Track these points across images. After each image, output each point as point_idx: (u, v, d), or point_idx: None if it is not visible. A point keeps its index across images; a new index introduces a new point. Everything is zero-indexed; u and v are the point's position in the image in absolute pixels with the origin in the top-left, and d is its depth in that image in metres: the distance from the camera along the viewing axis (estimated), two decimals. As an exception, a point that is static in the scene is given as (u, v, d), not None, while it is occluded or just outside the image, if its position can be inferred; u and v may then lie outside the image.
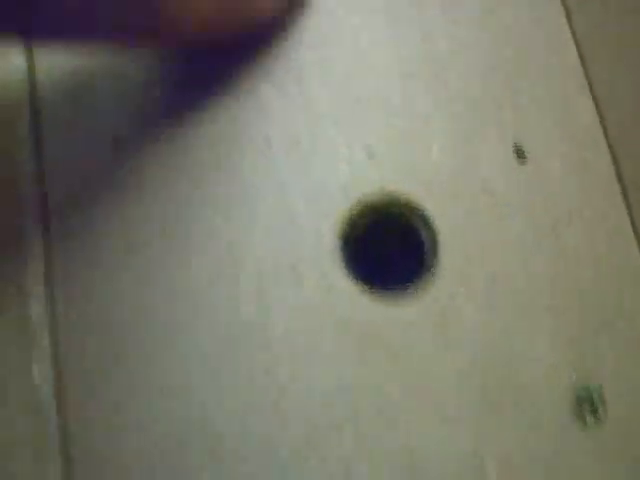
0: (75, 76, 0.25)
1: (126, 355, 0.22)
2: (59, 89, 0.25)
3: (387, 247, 0.25)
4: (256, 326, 0.23)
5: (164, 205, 0.24)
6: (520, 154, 0.24)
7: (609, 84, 0.24)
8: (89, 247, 0.24)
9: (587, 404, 0.22)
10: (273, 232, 0.23)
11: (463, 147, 0.24)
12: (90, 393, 0.22)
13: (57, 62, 0.25)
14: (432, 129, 0.24)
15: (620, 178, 0.24)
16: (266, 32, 0.25)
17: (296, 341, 0.22)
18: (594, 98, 0.24)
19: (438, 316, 0.22)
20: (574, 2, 0.25)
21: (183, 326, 0.22)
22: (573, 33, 0.25)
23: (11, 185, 0.24)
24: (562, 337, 0.22)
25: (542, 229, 0.24)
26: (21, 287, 0.23)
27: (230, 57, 0.25)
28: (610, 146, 0.24)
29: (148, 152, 0.24)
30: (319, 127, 0.24)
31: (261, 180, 0.24)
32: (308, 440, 0.21)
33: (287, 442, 0.21)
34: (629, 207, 0.24)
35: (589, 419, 0.21)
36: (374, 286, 0.23)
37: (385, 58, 0.25)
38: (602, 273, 0.23)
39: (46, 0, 0.19)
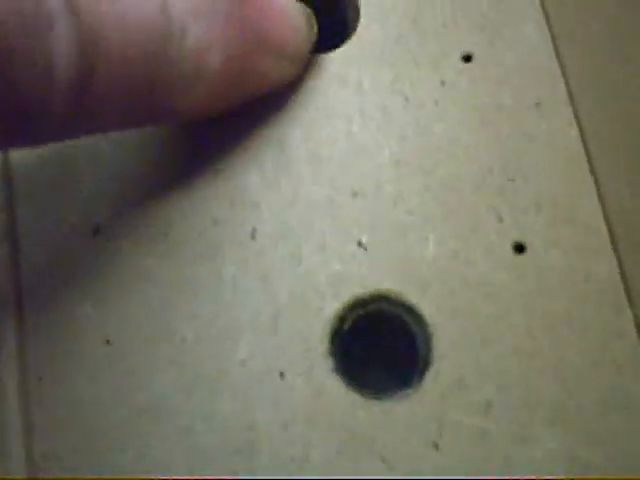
0: (55, 161, 0.24)
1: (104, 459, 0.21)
2: (36, 174, 0.24)
3: (380, 345, 0.24)
4: (241, 445, 0.21)
5: (144, 295, 0.23)
6: (518, 248, 0.23)
7: (616, 187, 0.23)
8: (66, 339, 0.22)
9: None
10: (257, 332, 0.22)
11: (459, 241, 0.23)
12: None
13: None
14: (427, 221, 0.23)
15: (624, 277, 0.22)
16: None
17: (285, 453, 0.21)
18: (600, 196, 0.23)
19: (433, 420, 0.21)
20: (580, 93, 0.24)
21: (160, 443, 0.21)
22: (582, 134, 0.23)
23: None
24: (562, 449, 0.21)
25: (540, 328, 0.24)
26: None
27: (215, 142, 0.24)
28: (615, 249, 0.22)
29: (129, 239, 0.23)
30: (308, 218, 0.23)
31: (244, 274, 0.23)
32: None
33: None
34: (632, 305, 0.22)
35: None
36: (366, 388, 0.22)
37: (377, 144, 0.24)
38: (604, 378, 0.22)
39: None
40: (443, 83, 0.25)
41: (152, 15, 0.21)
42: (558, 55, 0.25)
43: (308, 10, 0.25)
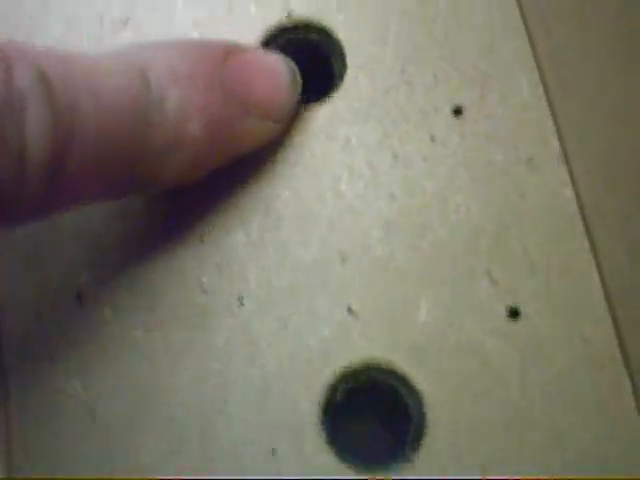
0: (36, 226, 0.24)
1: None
2: (18, 238, 0.24)
3: (372, 415, 0.24)
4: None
5: (130, 366, 0.23)
6: (513, 313, 0.23)
7: (611, 248, 0.23)
8: (52, 414, 0.22)
9: None
10: (247, 406, 0.22)
11: (452, 305, 0.23)
12: None
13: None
14: (418, 285, 0.23)
15: (621, 341, 0.23)
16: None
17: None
18: (595, 257, 0.23)
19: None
20: (574, 150, 0.24)
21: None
22: (577, 196, 0.24)
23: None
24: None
25: (535, 395, 0.24)
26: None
27: (199, 204, 0.24)
28: (611, 312, 0.22)
29: (114, 308, 0.23)
30: (296, 283, 0.23)
31: (232, 344, 0.23)
32: None
33: None
34: (629, 369, 0.22)
35: None
36: (359, 460, 0.22)
37: (366, 204, 0.24)
38: (601, 444, 0.22)
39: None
40: (433, 138, 0.25)
41: (130, 83, 0.21)
42: (552, 110, 0.25)
43: (292, 64, 0.25)
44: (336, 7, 0.26)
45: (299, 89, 0.25)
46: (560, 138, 0.25)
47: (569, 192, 0.25)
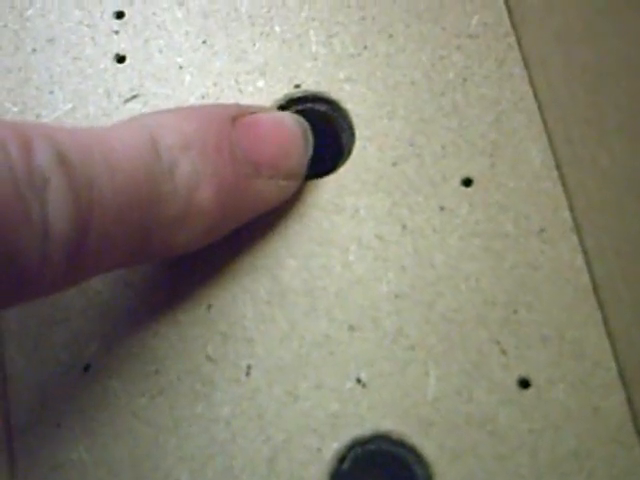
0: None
1: None
2: (26, 312, 0.29)
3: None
4: None
5: (137, 436, 0.27)
6: (523, 384, 0.28)
7: (624, 319, 0.27)
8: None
9: None
10: (252, 477, 0.27)
11: (462, 377, 0.28)
12: None
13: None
14: (428, 357, 0.28)
15: (633, 413, 0.27)
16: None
17: None
18: (607, 328, 0.28)
19: None
20: (586, 221, 0.29)
21: None
22: (589, 267, 0.28)
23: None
24: None
25: (547, 467, 0.27)
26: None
27: (206, 274, 0.29)
28: (624, 383, 0.27)
29: (120, 377, 0.28)
30: (304, 354, 0.28)
31: (239, 414, 0.27)
32: None
33: None
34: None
35: None
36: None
37: (375, 276, 0.29)
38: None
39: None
40: (442, 209, 0.30)
41: (142, 155, 0.25)
42: (563, 180, 0.30)
43: (302, 120, 0.30)
44: (344, 78, 0.32)
45: (311, 146, 0.30)
46: (571, 208, 0.30)
47: (581, 263, 0.30)
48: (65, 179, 0.22)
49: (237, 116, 0.26)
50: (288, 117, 0.28)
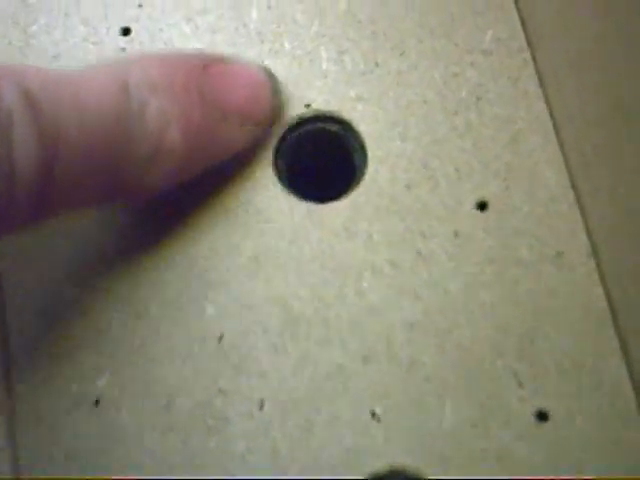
0: (55, 328, 0.29)
1: None
2: (35, 343, 0.29)
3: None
4: None
5: (149, 473, 0.27)
6: (541, 416, 0.27)
7: None
8: None
9: None
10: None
11: (478, 409, 0.28)
12: None
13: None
14: (444, 388, 0.28)
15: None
16: None
17: None
18: (625, 357, 0.27)
19: None
20: (603, 245, 0.28)
21: None
22: (607, 294, 0.28)
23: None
24: None
25: None
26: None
27: (217, 305, 0.29)
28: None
29: (131, 412, 0.28)
30: (318, 386, 0.28)
31: (253, 449, 0.27)
32: None
33: None
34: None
35: None
36: None
37: (389, 303, 0.29)
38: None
39: None
40: (457, 234, 0.30)
41: (111, 95, 0.25)
42: (579, 202, 0.30)
43: (272, 73, 0.31)
44: (355, 97, 0.31)
45: (279, 95, 0.30)
46: (589, 232, 0.30)
47: (598, 289, 0.29)
48: (31, 117, 0.23)
49: (208, 63, 0.27)
50: (257, 68, 0.29)
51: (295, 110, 0.31)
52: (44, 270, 0.29)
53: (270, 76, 0.29)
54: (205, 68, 0.27)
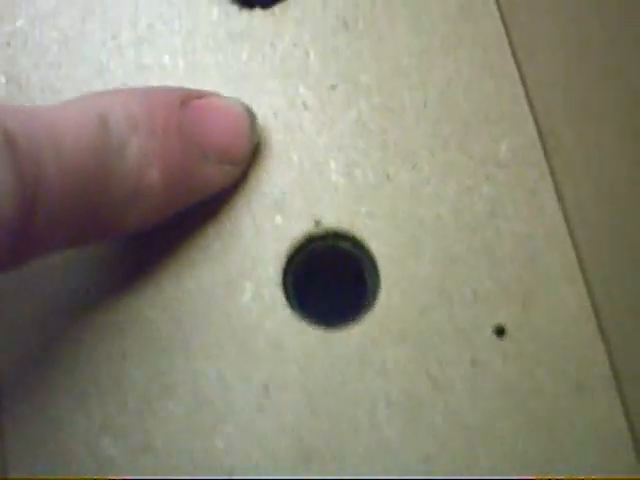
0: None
1: None
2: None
3: None
4: None
5: None
6: None
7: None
8: None
9: None
10: None
11: None
12: None
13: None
14: None
15: None
16: None
17: None
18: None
19: None
20: (629, 375, 0.28)
21: None
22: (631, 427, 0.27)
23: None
24: None
25: None
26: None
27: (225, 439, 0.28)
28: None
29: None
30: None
31: None
32: None
33: None
34: None
35: None
36: None
37: (405, 437, 0.29)
38: None
39: None
40: (474, 362, 0.29)
41: (91, 133, 0.25)
42: (601, 328, 0.29)
43: (250, 108, 0.30)
44: (366, 213, 0.30)
45: (257, 132, 0.30)
46: (611, 361, 0.29)
47: (621, 422, 0.28)
48: (9, 155, 0.22)
49: (185, 99, 0.27)
50: (236, 103, 0.29)
51: (304, 226, 0.30)
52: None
53: (248, 111, 0.29)
54: (184, 103, 0.27)
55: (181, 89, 0.28)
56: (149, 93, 0.27)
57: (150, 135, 0.25)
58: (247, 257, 0.30)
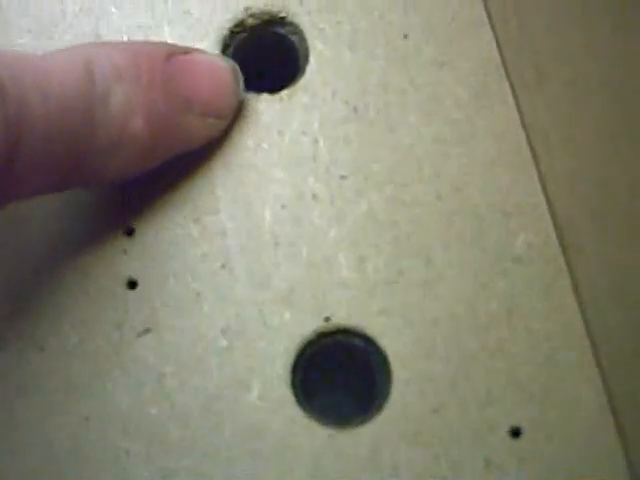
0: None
1: None
2: None
3: None
4: None
5: None
6: None
7: None
8: None
9: None
10: None
11: None
12: None
13: None
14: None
15: None
16: None
17: None
18: None
19: None
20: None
21: None
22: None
23: None
24: None
25: None
26: None
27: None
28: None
29: None
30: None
31: None
32: None
33: None
34: None
35: None
36: None
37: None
38: None
39: None
40: (488, 463, 0.28)
41: (76, 79, 0.25)
42: (620, 431, 0.28)
43: (234, 63, 0.30)
44: (378, 310, 0.30)
45: (242, 86, 0.30)
46: (630, 464, 0.28)
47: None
48: None
49: (171, 54, 0.28)
50: (219, 57, 0.30)
51: (313, 323, 0.29)
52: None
53: (233, 67, 0.29)
54: (169, 57, 0.27)
55: (167, 44, 0.29)
56: (135, 45, 0.28)
57: (135, 84, 0.26)
58: (254, 354, 0.30)
